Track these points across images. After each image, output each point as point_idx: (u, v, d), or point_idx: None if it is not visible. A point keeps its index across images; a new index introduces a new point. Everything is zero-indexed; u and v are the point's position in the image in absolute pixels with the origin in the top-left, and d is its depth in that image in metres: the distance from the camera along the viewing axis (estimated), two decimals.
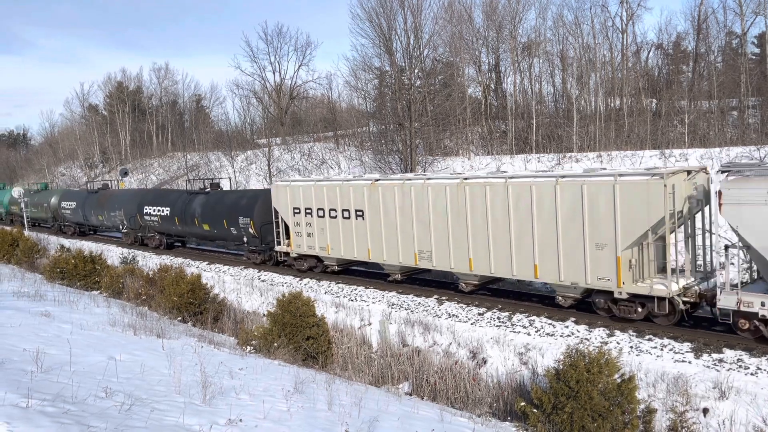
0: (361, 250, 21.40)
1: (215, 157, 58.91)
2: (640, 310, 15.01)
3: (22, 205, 45.26)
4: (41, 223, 47.32)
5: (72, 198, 42.22)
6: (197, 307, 18.04)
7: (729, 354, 13.04)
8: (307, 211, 23.07)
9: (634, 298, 14.97)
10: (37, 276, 23.86)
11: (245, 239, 26.77)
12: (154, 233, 33.45)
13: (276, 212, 24.45)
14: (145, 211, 33.05)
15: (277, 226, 24.73)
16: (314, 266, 24.23)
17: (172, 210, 30.99)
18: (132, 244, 35.12)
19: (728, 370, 12.27)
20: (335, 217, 21.99)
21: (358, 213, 21.19)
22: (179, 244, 34.81)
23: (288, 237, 24.40)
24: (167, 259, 29.64)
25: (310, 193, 22.92)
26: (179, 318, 17.29)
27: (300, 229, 23.48)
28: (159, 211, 32.05)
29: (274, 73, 63.88)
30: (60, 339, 10.41)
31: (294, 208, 23.61)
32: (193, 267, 27.47)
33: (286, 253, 24.57)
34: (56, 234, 43.34)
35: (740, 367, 12.40)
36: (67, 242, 37.38)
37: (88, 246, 33.30)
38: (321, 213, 22.57)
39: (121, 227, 35.37)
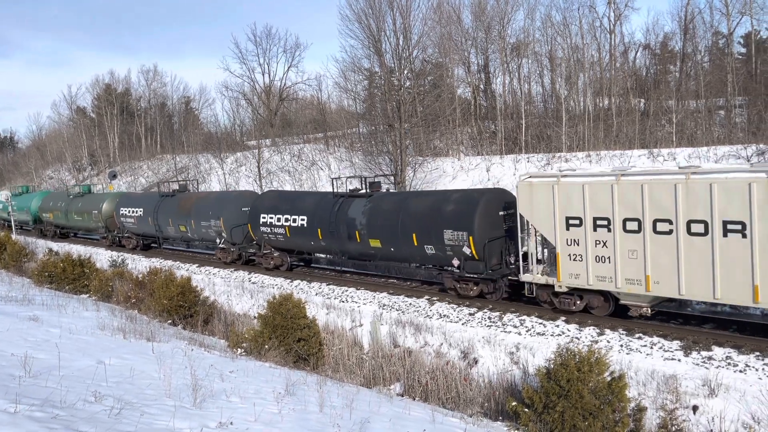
0: (737, 287, 12.97)
1: (204, 159, 58.70)
2: None
3: (58, 213, 40.62)
4: (78, 232, 42.35)
5: (136, 203, 33.52)
6: (187, 310, 17.95)
7: (718, 351, 13.14)
8: (600, 222, 15.07)
9: None
10: (25, 280, 23.66)
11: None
12: (272, 250, 25.53)
13: (524, 221, 17.00)
14: (263, 220, 24.76)
15: (512, 241, 17.99)
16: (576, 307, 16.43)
17: (311, 218, 23.09)
18: (233, 262, 27.62)
19: (717, 367, 12.36)
20: (666, 232, 13.86)
21: (736, 227, 12.93)
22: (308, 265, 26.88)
23: (541, 261, 16.97)
24: (156, 262, 29.48)
25: (607, 193, 14.88)
26: (169, 321, 17.20)
27: (581, 250, 15.45)
28: (290, 220, 23.82)
29: (263, 75, 63.79)
30: (48, 343, 10.32)
31: (570, 218, 15.63)
32: (183, 270, 27.34)
33: (546, 286, 16.60)
34: (111, 248, 35.40)
35: (729, 364, 12.50)
36: (55, 245, 37.10)
37: (76, 249, 33.06)
38: (632, 225, 14.51)
39: (218, 241, 27.34)
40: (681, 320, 15.53)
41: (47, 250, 32.05)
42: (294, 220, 23.51)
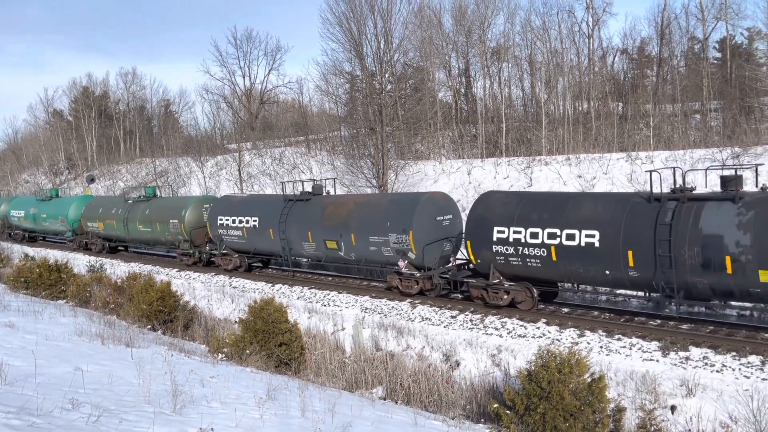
0: None
1: (185, 162, 58.23)
2: None
3: (113, 223, 32.31)
4: (144, 247, 33.19)
5: (245, 209, 25.06)
6: (167, 315, 17.79)
7: (695, 352, 13.32)
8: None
9: None
10: (0, 286, 23.26)
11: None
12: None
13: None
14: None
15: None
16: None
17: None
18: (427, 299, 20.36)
19: (694, 367, 12.53)
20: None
21: None
22: None
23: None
24: (136, 267, 29.15)
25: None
26: (149, 326, 17.03)
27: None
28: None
29: (243, 78, 63.49)
30: (24, 350, 10.15)
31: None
32: (162, 274, 27.07)
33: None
34: (231, 275, 25.95)
35: (706, 364, 12.68)
36: (31, 251, 36.52)
37: (53, 254, 32.58)
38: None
39: (400, 261, 19.64)
40: (659, 321, 15.72)
41: (23, 255, 31.54)
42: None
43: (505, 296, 17.20)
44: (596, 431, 9.42)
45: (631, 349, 13.93)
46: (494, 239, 17.05)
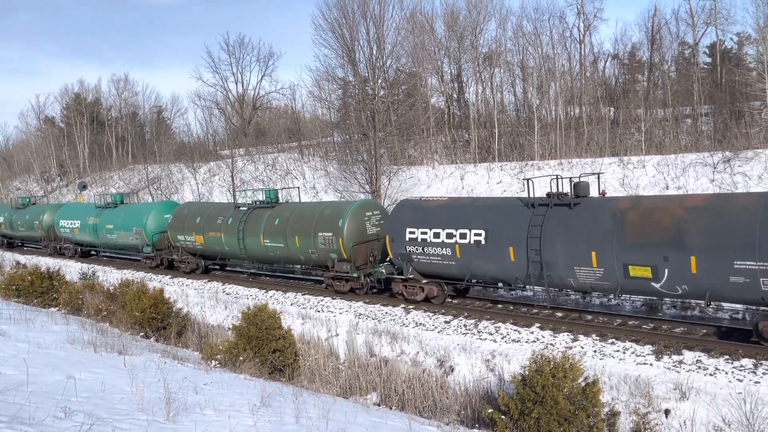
0: None
1: (177, 169, 58.06)
2: None
3: (216, 236, 25.78)
4: (274, 267, 26.03)
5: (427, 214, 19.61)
6: (160, 322, 17.70)
7: (688, 355, 13.37)
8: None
9: None
10: None
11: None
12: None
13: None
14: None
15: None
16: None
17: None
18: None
19: (688, 371, 12.57)
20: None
21: None
22: None
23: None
24: (129, 274, 29.02)
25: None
26: (142, 334, 16.93)
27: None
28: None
29: (236, 84, 63.43)
30: (16, 359, 10.07)
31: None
32: (155, 281, 26.95)
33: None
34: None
35: (699, 368, 12.72)
36: (23, 258, 36.30)
37: (45, 262, 32.38)
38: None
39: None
40: (652, 325, 15.77)
41: (14, 262, 31.34)
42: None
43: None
44: None
45: (624, 353, 13.97)
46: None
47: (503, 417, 9.88)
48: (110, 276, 28.72)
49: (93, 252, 37.47)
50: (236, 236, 24.78)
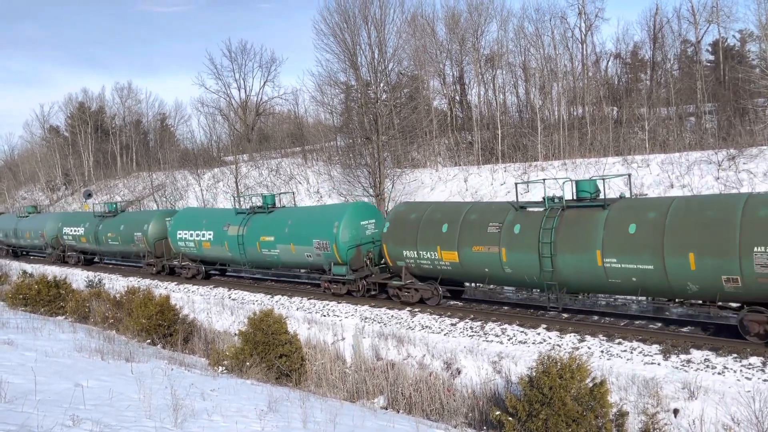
0: None
1: (181, 175, 58.22)
2: None
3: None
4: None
5: None
6: (167, 329, 17.74)
7: (696, 354, 13.31)
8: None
9: None
10: None
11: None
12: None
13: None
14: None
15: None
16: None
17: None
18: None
19: (696, 370, 12.51)
20: None
21: None
22: None
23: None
24: (134, 281, 29.09)
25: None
26: (148, 341, 16.97)
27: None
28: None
29: (239, 90, 63.56)
30: (24, 367, 10.11)
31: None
32: (161, 288, 27.01)
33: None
34: None
35: (708, 367, 12.66)
36: (30, 267, 36.43)
37: (51, 270, 32.49)
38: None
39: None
40: (660, 325, 15.71)
41: (21, 272, 31.46)
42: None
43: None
44: None
45: (632, 353, 13.91)
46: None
47: (511, 419, 9.85)
48: (116, 284, 28.79)
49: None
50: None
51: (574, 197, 16.46)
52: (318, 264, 22.38)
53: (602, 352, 14.17)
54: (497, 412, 10.17)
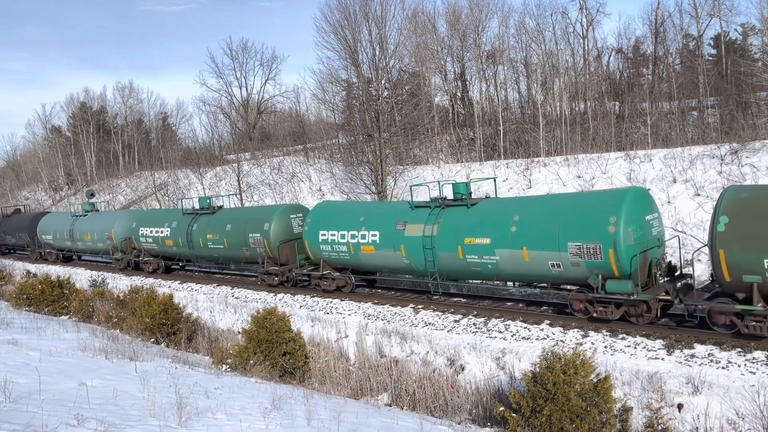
0: None
1: (184, 174, 58.29)
2: None
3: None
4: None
5: None
6: (170, 328, 17.76)
7: (700, 349, 13.29)
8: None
9: None
10: (3, 303, 23.24)
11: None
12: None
13: None
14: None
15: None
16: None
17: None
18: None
19: (700, 365, 12.50)
20: None
21: None
22: None
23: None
24: (137, 281, 29.14)
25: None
26: (152, 339, 16.99)
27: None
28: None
29: (240, 89, 63.53)
30: (28, 367, 10.13)
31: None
32: (164, 287, 27.05)
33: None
34: None
35: (711, 361, 12.64)
36: (33, 267, 36.50)
37: (55, 270, 32.54)
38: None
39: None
40: (663, 319, 15.69)
41: (25, 272, 31.52)
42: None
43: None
44: None
45: (635, 348, 13.90)
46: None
47: (514, 415, 9.84)
48: (119, 283, 28.84)
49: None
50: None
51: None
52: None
53: (606, 347, 14.16)
54: (501, 408, 10.16)
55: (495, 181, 22.24)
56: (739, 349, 12.96)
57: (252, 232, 24.51)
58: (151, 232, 30.59)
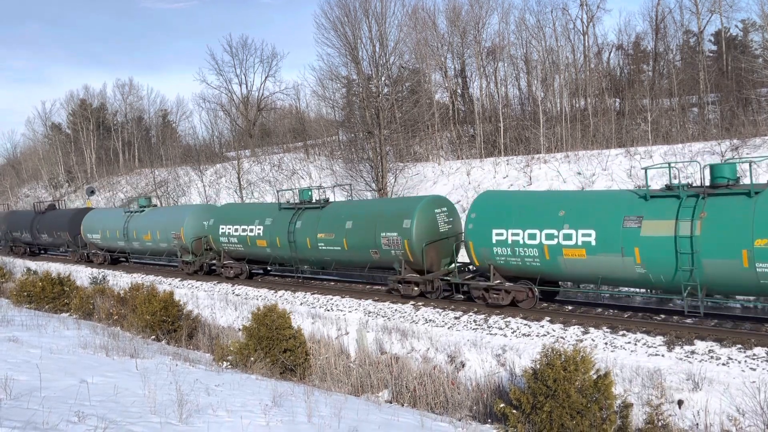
0: None
1: (184, 172, 58.28)
2: None
3: None
4: None
5: None
6: (171, 325, 17.76)
7: (700, 345, 13.29)
8: None
9: None
10: (3, 301, 23.25)
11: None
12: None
13: None
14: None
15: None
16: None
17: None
18: None
19: (700, 361, 12.50)
20: None
21: None
22: None
23: None
24: (138, 278, 29.16)
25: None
26: (153, 336, 17.00)
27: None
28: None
29: (240, 86, 63.83)
30: (29, 364, 10.14)
31: None
32: (165, 284, 27.06)
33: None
34: None
35: (712, 357, 12.65)
36: (33, 264, 36.52)
37: (55, 268, 32.55)
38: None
39: None
40: (663, 316, 15.69)
41: (25, 269, 31.54)
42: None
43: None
44: (603, 428, 9.38)
45: (636, 344, 13.91)
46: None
47: (515, 411, 9.85)
48: (120, 280, 28.85)
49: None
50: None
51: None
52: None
53: (606, 343, 14.17)
54: (501, 405, 10.17)
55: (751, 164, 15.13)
56: (740, 346, 12.97)
57: (385, 230, 19.63)
58: (236, 230, 25.52)
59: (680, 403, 11.32)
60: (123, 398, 8.48)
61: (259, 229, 24.70)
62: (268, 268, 27.30)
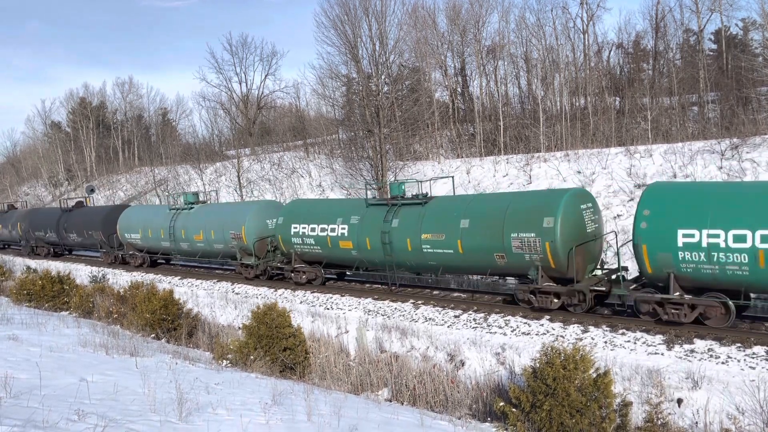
0: None
1: (183, 170, 58.26)
2: None
3: None
4: None
5: None
6: (171, 323, 17.77)
7: (700, 344, 13.30)
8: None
9: None
10: (3, 299, 23.26)
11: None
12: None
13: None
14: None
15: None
16: None
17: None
18: None
19: (700, 360, 12.51)
20: None
21: None
22: None
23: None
24: (138, 276, 29.16)
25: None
26: (153, 335, 17.02)
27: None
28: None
29: (240, 84, 63.63)
30: (29, 363, 10.15)
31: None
32: (164, 282, 27.07)
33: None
34: None
35: (711, 356, 12.66)
36: (34, 263, 36.51)
37: (55, 266, 32.56)
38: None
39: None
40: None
41: (25, 267, 31.54)
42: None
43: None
44: (603, 426, 9.39)
45: (635, 343, 13.91)
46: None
47: (514, 410, 9.86)
48: (119, 279, 28.85)
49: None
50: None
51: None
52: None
53: (606, 342, 14.18)
54: (501, 404, 10.17)
55: None
56: (739, 345, 12.98)
57: (517, 230, 16.54)
58: (313, 230, 22.42)
59: (680, 401, 11.32)
60: (123, 396, 8.49)
61: (343, 228, 21.51)
62: (348, 273, 24.14)
